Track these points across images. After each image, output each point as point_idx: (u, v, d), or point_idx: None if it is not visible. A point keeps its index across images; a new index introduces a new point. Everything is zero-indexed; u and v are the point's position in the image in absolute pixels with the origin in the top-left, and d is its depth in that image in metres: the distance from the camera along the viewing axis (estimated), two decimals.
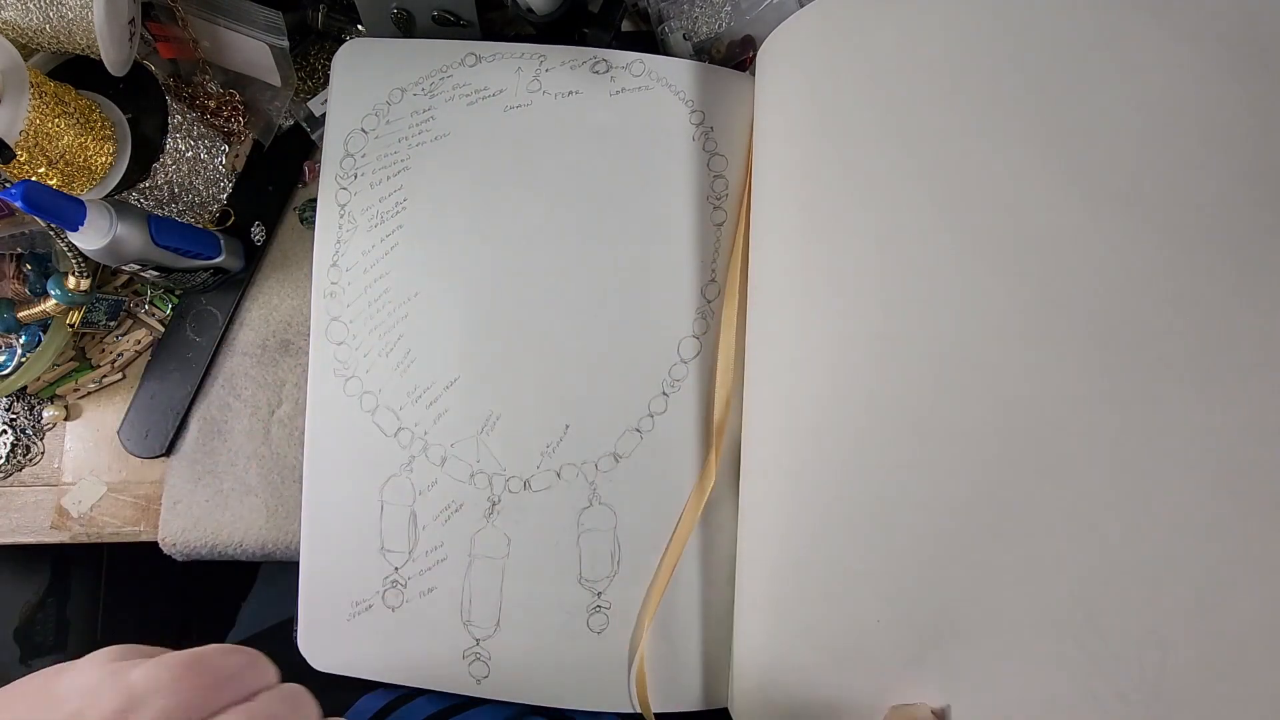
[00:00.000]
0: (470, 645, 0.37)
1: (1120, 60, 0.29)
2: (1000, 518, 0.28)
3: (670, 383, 0.38)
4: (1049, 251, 0.29)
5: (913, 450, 0.30)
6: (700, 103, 0.40)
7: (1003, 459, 0.28)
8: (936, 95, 0.32)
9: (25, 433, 0.45)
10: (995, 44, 0.31)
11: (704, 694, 0.37)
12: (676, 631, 0.37)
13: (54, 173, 0.38)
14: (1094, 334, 0.27)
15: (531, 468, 0.37)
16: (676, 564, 0.36)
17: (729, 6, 0.43)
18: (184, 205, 0.44)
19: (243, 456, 0.43)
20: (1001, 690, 0.28)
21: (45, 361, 0.43)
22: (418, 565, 0.37)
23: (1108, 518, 0.26)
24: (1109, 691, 0.26)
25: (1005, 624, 0.28)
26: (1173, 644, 0.25)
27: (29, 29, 0.37)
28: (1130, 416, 0.26)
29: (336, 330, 0.39)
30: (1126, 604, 0.26)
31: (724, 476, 0.37)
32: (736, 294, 0.38)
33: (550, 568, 0.37)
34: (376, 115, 0.40)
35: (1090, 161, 0.28)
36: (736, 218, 0.39)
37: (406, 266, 0.39)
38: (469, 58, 0.40)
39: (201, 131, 0.43)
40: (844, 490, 0.32)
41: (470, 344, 0.38)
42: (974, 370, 0.29)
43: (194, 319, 0.45)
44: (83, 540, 0.44)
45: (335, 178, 0.40)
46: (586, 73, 0.40)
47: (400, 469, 0.38)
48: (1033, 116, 0.30)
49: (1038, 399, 0.28)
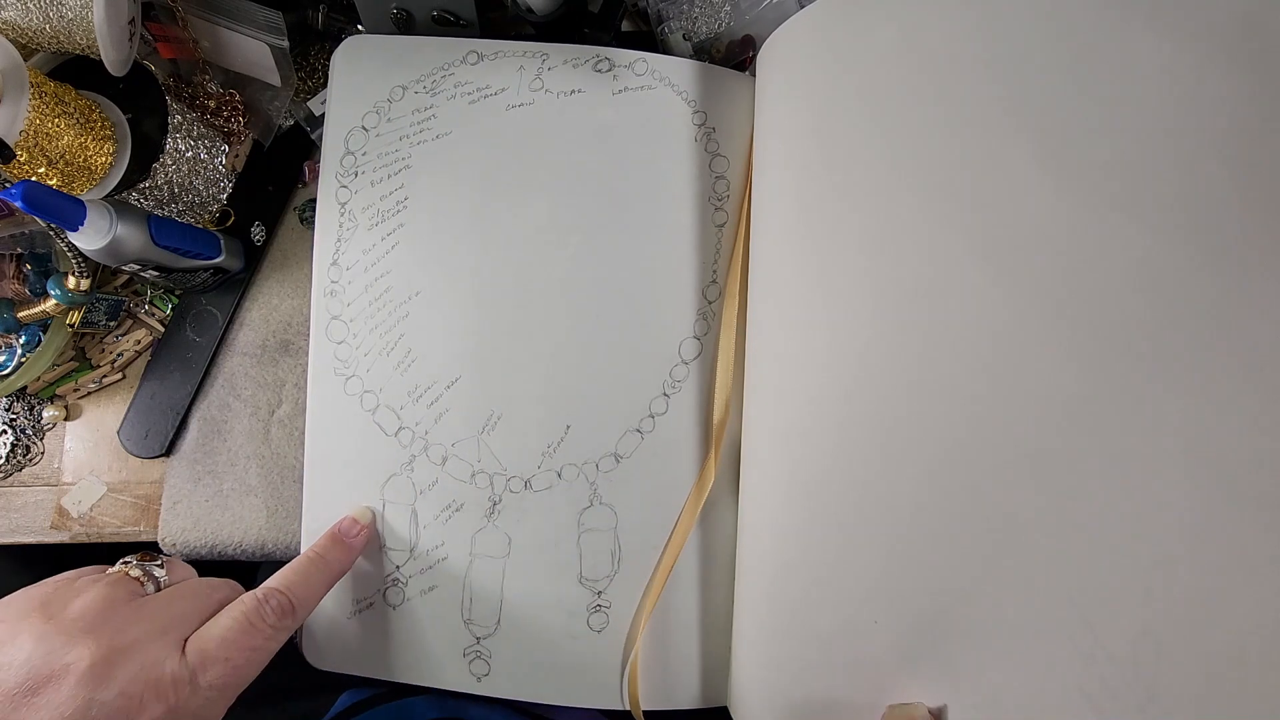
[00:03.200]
0: (471, 643, 0.37)
1: (1116, 66, 0.29)
2: (997, 519, 0.28)
3: (671, 383, 0.38)
4: (1050, 254, 0.29)
5: (909, 451, 0.30)
6: (702, 103, 0.40)
7: (999, 460, 0.28)
8: (936, 97, 0.32)
9: (25, 433, 0.45)
10: (994, 46, 0.31)
11: (703, 692, 0.37)
12: (676, 630, 0.37)
13: (54, 173, 0.38)
14: (1090, 335, 0.27)
15: (532, 468, 0.37)
16: (674, 564, 0.36)
17: (728, 6, 0.43)
18: (184, 205, 0.44)
19: (243, 456, 0.43)
20: (997, 690, 0.28)
21: (45, 361, 0.43)
22: (418, 564, 0.37)
23: (1103, 518, 0.26)
24: (1103, 691, 0.26)
25: (1001, 624, 0.28)
26: (1167, 644, 0.25)
27: (29, 29, 0.37)
28: (1125, 417, 0.26)
29: (337, 329, 0.39)
30: (1121, 604, 0.26)
31: (724, 477, 0.37)
32: (736, 295, 0.38)
33: (551, 567, 0.37)
34: (377, 113, 0.40)
35: (1088, 164, 0.29)
36: (737, 219, 0.39)
37: (407, 266, 0.39)
38: (470, 55, 0.40)
39: (201, 131, 0.43)
40: (842, 491, 0.32)
41: (471, 344, 0.38)
42: (971, 371, 0.29)
43: (194, 319, 0.45)
44: (83, 540, 0.44)
45: (336, 175, 0.40)
46: (589, 71, 0.40)
47: (401, 468, 0.38)
48: (1033, 119, 0.30)
49: (1036, 401, 0.28)
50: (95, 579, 0.29)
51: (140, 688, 0.26)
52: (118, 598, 0.28)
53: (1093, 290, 0.28)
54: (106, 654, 0.26)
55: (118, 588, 0.29)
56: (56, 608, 0.27)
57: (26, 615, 0.27)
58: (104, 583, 0.29)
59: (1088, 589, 0.26)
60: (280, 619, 0.30)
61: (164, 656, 0.27)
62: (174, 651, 0.27)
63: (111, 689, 0.25)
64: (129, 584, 0.29)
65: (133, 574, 0.30)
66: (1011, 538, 0.28)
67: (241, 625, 0.29)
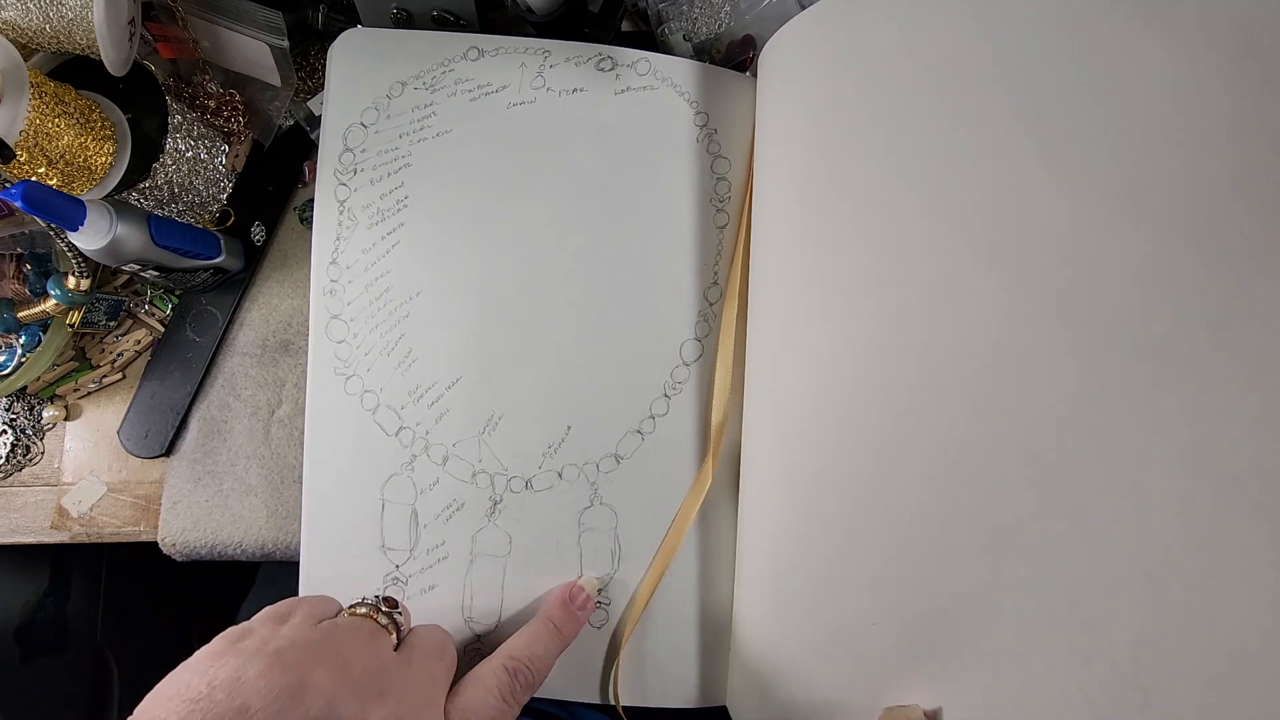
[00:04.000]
0: (472, 641, 0.37)
1: (1118, 67, 0.29)
2: (996, 521, 0.28)
3: (672, 384, 0.38)
4: (1050, 255, 0.29)
5: (909, 454, 0.30)
6: (704, 104, 0.40)
7: (999, 462, 0.29)
8: (937, 98, 0.32)
9: (25, 433, 0.45)
10: (996, 47, 0.31)
11: (701, 691, 0.37)
12: (675, 629, 0.37)
13: (54, 173, 0.38)
14: (1090, 337, 0.27)
15: (533, 468, 0.37)
16: (669, 564, 0.37)
17: (728, 7, 0.43)
18: (184, 205, 0.44)
19: (243, 456, 0.43)
20: (995, 692, 0.28)
21: (45, 361, 0.43)
22: (419, 563, 0.37)
23: (1102, 520, 0.26)
24: (1102, 693, 0.26)
25: (999, 627, 0.28)
26: (1166, 646, 0.25)
27: (29, 29, 0.37)
28: (1125, 419, 0.27)
29: (337, 328, 0.39)
30: (1120, 606, 0.26)
31: (723, 477, 0.38)
32: (736, 296, 0.38)
33: (551, 566, 0.37)
34: (377, 109, 0.40)
35: (1089, 165, 0.29)
36: (738, 220, 0.39)
37: (408, 265, 0.39)
38: (471, 51, 0.40)
39: (201, 131, 0.43)
40: (841, 492, 0.32)
41: (472, 344, 0.38)
42: (972, 373, 0.29)
43: (194, 319, 0.45)
44: (83, 540, 0.44)
45: (334, 173, 0.39)
46: (591, 70, 0.40)
47: (402, 468, 0.38)
48: (1034, 120, 0.30)
49: (1036, 402, 0.28)
50: (357, 626, 0.28)
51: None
52: (386, 658, 0.28)
53: (1093, 292, 0.28)
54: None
55: (380, 642, 0.28)
56: (337, 663, 0.26)
57: (311, 669, 0.25)
58: (367, 634, 0.28)
59: (1087, 590, 0.27)
60: (526, 694, 0.31)
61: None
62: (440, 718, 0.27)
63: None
64: (384, 637, 0.29)
65: (382, 623, 0.30)
66: (1011, 539, 0.28)
67: (498, 701, 0.29)
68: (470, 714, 0.28)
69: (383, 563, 0.37)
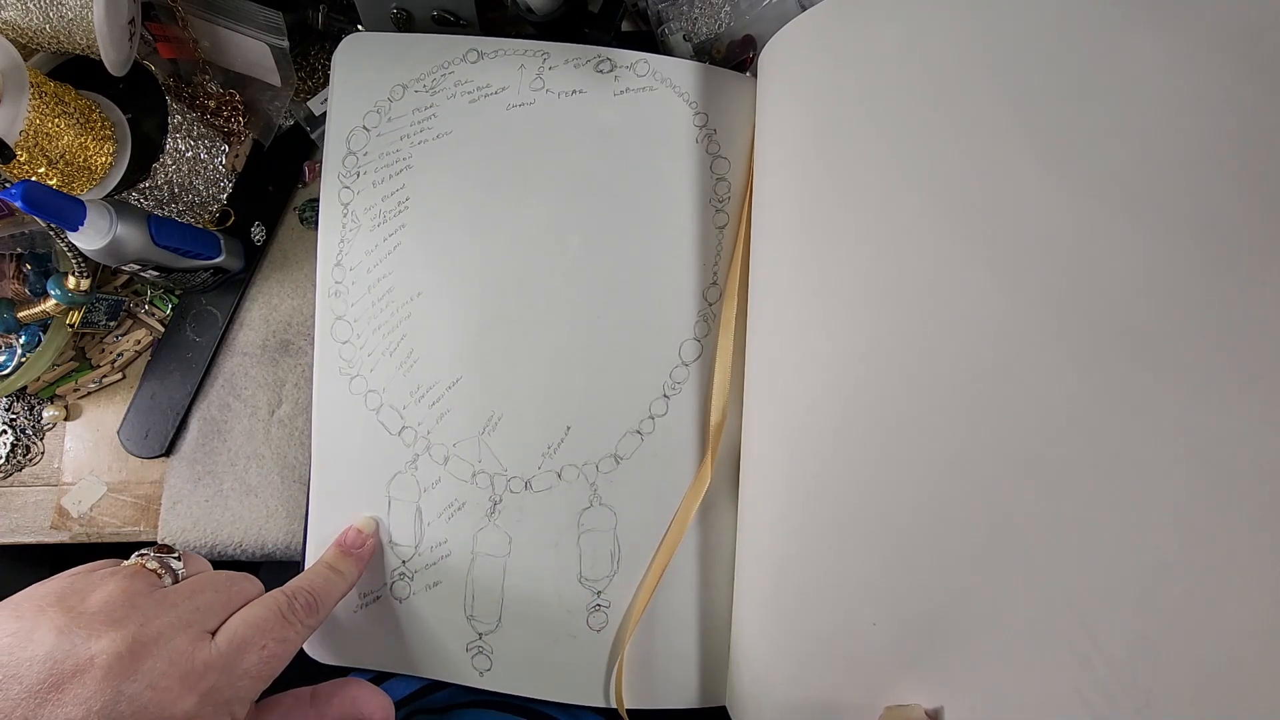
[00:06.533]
0: (473, 639, 0.37)
1: (1121, 68, 0.29)
2: (996, 521, 0.29)
3: (671, 385, 0.38)
4: (1051, 257, 0.29)
5: (909, 453, 0.30)
6: (703, 104, 0.40)
7: (998, 463, 0.29)
8: (938, 99, 0.32)
9: (25, 433, 0.45)
10: (997, 48, 0.31)
11: (701, 691, 0.37)
12: (675, 630, 0.37)
13: (54, 173, 0.38)
14: (1090, 338, 0.28)
15: (533, 468, 0.37)
16: (668, 565, 0.37)
17: (728, 7, 0.43)
18: (184, 205, 0.44)
19: (243, 456, 0.43)
20: (995, 693, 0.28)
21: (45, 361, 0.43)
22: (423, 559, 0.37)
23: (1102, 521, 0.27)
24: (1100, 695, 0.26)
25: (999, 626, 0.28)
26: (1165, 648, 0.25)
27: (29, 29, 0.37)
28: (1125, 421, 0.27)
29: (341, 329, 0.39)
30: (1119, 607, 0.26)
31: (722, 478, 0.38)
32: (735, 297, 0.38)
33: (551, 566, 0.37)
34: (378, 112, 0.40)
35: (1091, 167, 0.29)
36: (738, 221, 0.39)
37: (409, 266, 0.39)
38: (470, 53, 0.40)
39: (201, 131, 0.43)
40: (841, 492, 0.32)
41: (472, 344, 0.38)
42: (972, 374, 0.29)
43: (194, 319, 0.45)
44: (83, 540, 0.44)
45: (338, 176, 0.40)
46: (590, 71, 0.40)
47: (405, 466, 0.38)
48: (1036, 121, 0.30)
49: (1036, 403, 0.28)
50: (111, 572, 0.29)
51: (170, 679, 0.25)
52: (138, 589, 0.28)
53: (1094, 294, 0.28)
54: (132, 645, 0.25)
55: (136, 580, 0.28)
56: (74, 601, 0.26)
57: (43, 610, 0.26)
58: (121, 575, 0.28)
59: (1086, 591, 0.27)
60: (307, 615, 0.30)
61: (193, 646, 0.26)
62: (203, 640, 0.27)
63: (140, 681, 0.25)
64: (147, 576, 0.29)
65: (149, 566, 0.30)
66: (1010, 540, 0.28)
67: (274, 614, 0.29)
68: (240, 626, 0.28)
69: (389, 558, 0.38)
